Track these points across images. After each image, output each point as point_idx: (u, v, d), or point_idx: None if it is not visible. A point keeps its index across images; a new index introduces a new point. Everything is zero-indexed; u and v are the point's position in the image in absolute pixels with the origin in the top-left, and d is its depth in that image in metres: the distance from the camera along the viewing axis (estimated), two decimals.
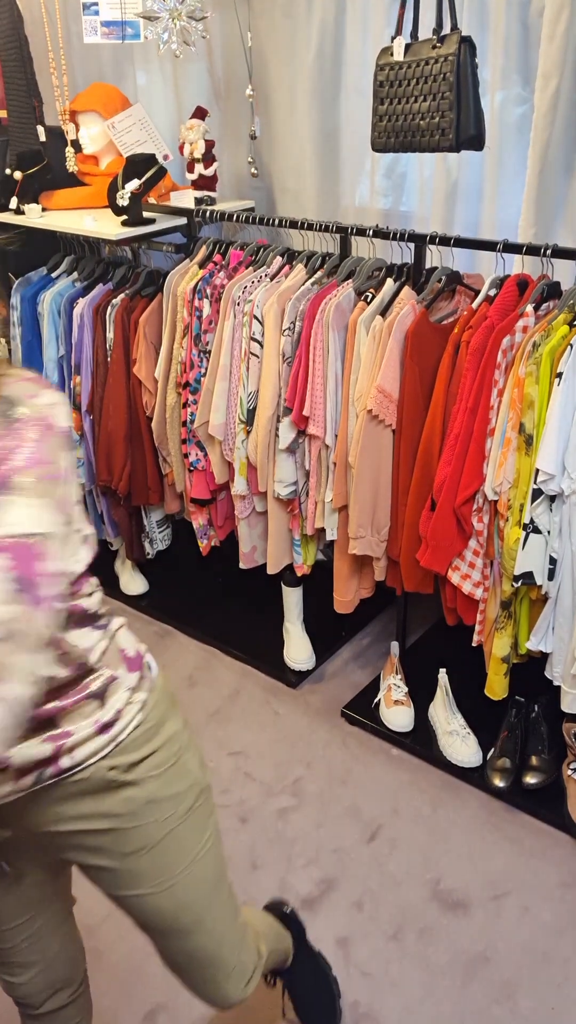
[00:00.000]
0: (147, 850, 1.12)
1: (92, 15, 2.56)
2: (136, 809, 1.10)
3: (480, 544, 2.15)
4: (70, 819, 1.08)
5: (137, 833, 1.11)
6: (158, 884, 1.14)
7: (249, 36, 2.70)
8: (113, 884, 1.15)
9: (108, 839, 1.10)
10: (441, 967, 1.89)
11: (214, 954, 1.22)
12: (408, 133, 2.08)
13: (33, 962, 1.25)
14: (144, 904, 1.15)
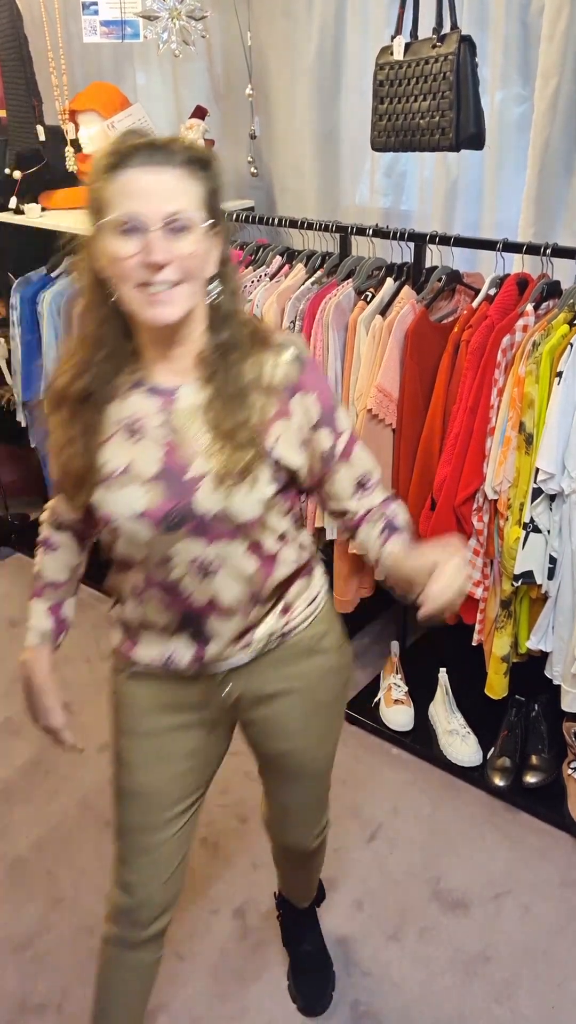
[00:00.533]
0: (321, 709, 1.40)
1: (92, 14, 2.57)
2: (323, 674, 1.37)
3: (480, 543, 2.15)
4: (279, 679, 1.33)
5: (319, 694, 1.38)
6: (320, 738, 1.43)
7: (249, 35, 2.70)
8: (285, 737, 1.39)
9: (298, 698, 1.36)
10: (441, 966, 1.89)
11: (321, 801, 1.55)
12: (408, 132, 2.08)
13: (171, 861, 1.40)
14: (302, 755, 1.42)
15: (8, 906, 2.06)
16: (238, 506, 1.17)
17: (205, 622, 1.26)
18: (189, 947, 1.95)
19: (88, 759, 2.47)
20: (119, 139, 1.10)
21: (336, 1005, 1.82)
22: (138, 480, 1.18)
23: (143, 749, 1.37)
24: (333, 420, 1.24)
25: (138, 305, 1.11)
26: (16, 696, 2.71)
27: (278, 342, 1.21)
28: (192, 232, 1.09)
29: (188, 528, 1.18)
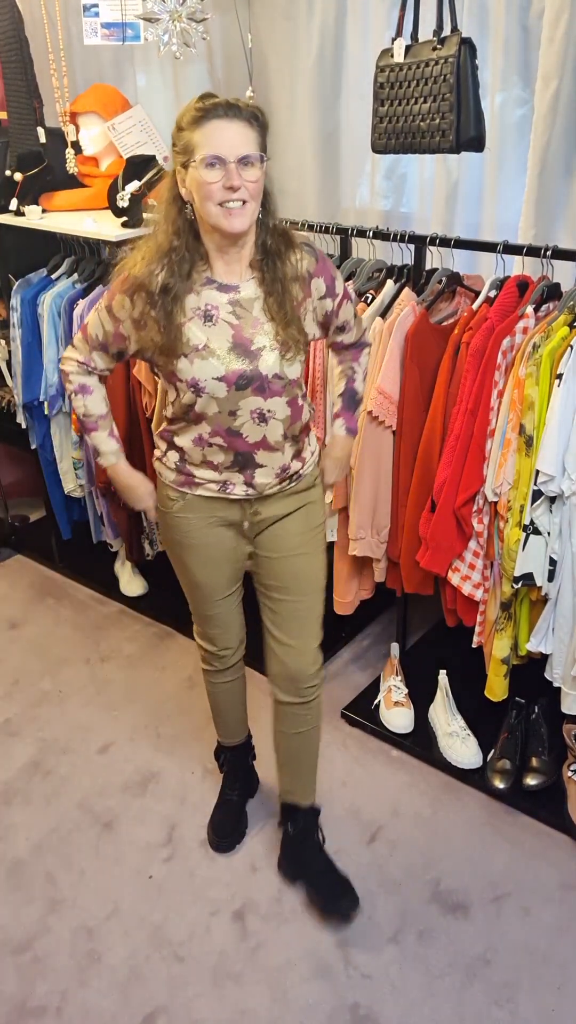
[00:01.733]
0: (313, 529, 1.86)
1: (92, 17, 2.57)
2: (314, 503, 1.86)
3: (480, 545, 2.15)
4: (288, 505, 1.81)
5: (312, 518, 1.86)
6: (313, 551, 1.87)
7: (249, 38, 2.71)
8: (288, 547, 1.83)
9: (300, 517, 1.83)
10: (441, 969, 1.89)
11: (318, 617, 1.91)
12: (408, 134, 2.09)
13: (231, 624, 2.00)
14: (299, 560, 1.85)
15: (7, 908, 2.06)
16: (289, 369, 1.64)
17: (255, 457, 1.71)
18: (188, 949, 1.95)
19: (88, 761, 2.48)
20: (201, 98, 1.52)
21: (336, 1007, 1.82)
22: (215, 354, 1.61)
23: (197, 556, 1.87)
24: (333, 291, 1.71)
25: (218, 219, 1.53)
26: (16, 697, 2.71)
27: (299, 241, 1.65)
28: (255, 166, 1.52)
29: (253, 387, 1.63)
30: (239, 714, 2.19)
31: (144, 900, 2.06)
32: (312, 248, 1.66)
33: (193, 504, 1.80)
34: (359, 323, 1.84)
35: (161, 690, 2.73)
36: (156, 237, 1.61)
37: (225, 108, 1.49)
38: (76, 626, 3.06)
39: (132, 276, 1.61)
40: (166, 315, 1.59)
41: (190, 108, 1.52)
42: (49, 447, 3.02)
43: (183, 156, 1.54)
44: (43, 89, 2.81)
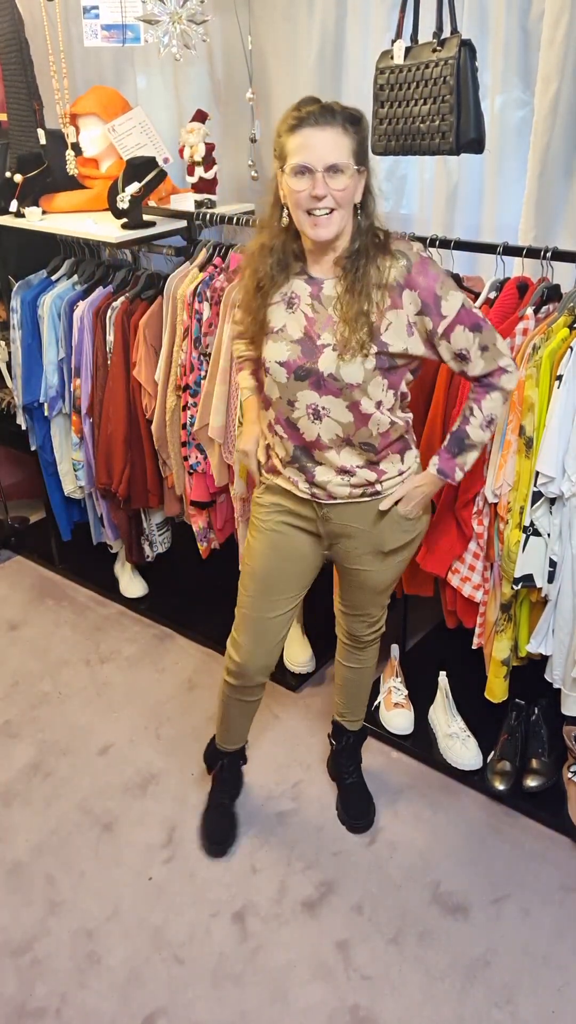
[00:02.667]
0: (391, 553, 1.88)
1: (92, 19, 2.57)
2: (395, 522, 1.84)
3: (480, 547, 2.15)
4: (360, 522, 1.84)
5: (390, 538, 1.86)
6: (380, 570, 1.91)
7: (249, 39, 2.71)
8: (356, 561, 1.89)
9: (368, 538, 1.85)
10: (441, 970, 1.89)
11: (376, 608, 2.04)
12: (408, 136, 2.09)
13: (266, 639, 1.96)
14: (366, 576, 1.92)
15: (7, 910, 2.06)
16: (345, 371, 1.64)
17: (312, 454, 1.76)
18: (188, 951, 1.95)
19: (88, 762, 2.47)
20: (298, 104, 1.56)
21: (335, 1009, 1.82)
22: (287, 339, 1.69)
23: (264, 541, 1.90)
24: (434, 309, 1.63)
25: (304, 226, 1.60)
26: (15, 699, 2.71)
27: (395, 249, 1.63)
28: (345, 174, 1.55)
29: (310, 381, 1.67)
30: (245, 726, 2.21)
31: (144, 902, 2.06)
32: (409, 259, 1.62)
33: (274, 489, 1.88)
34: (491, 359, 1.69)
35: (161, 692, 2.73)
36: (261, 236, 1.71)
37: (318, 115, 1.53)
38: (76, 628, 3.06)
39: (241, 268, 1.77)
40: (259, 304, 1.71)
41: (288, 114, 1.56)
42: (49, 448, 3.02)
43: (279, 161, 1.59)
44: (43, 91, 2.81)
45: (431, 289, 1.62)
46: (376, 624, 2.09)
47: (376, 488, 1.79)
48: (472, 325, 1.66)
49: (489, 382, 1.72)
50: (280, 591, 1.92)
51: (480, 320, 1.67)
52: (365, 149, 1.59)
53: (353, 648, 2.14)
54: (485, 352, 1.68)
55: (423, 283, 1.62)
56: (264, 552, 1.90)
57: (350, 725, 2.28)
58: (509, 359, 1.71)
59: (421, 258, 1.64)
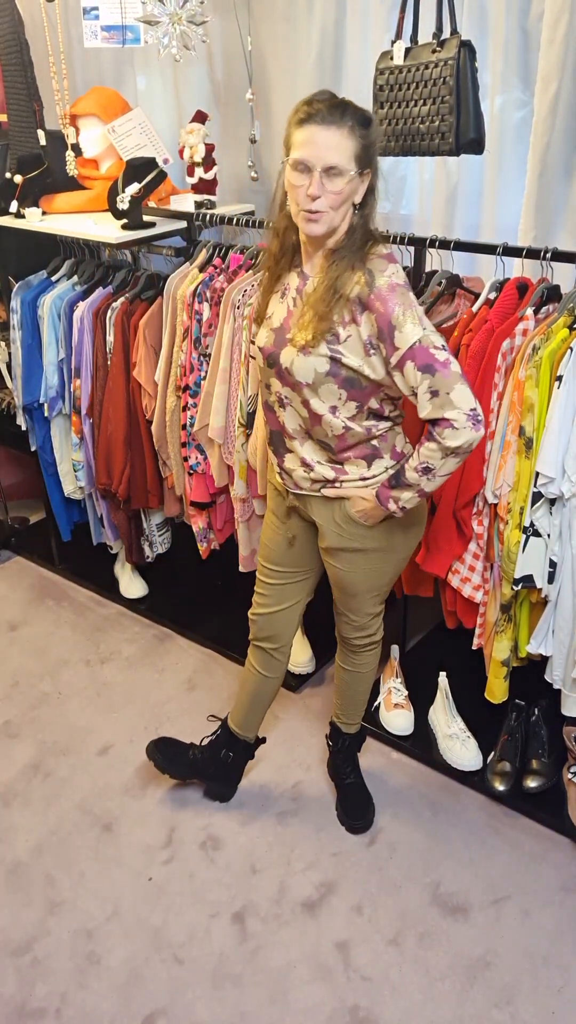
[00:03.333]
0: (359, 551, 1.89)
1: (92, 19, 2.57)
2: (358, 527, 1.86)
3: (480, 547, 2.15)
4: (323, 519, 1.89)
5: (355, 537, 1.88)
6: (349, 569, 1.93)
7: (249, 40, 2.71)
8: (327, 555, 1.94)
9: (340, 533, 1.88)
10: (441, 971, 1.89)
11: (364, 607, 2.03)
12: (408, 137, 2.09)
13: (283, 600, 2.08)
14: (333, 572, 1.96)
15: (6, 910, 2.06)
16: (296, 367, 1.69)
17: (283, 441, 1.84)
18: (188, 951, 1.95)
19: (87, 763, 2.47)
20: (311, 98, 1.56)
21: (335, 1009, 1.82)
22: (269, 325, 1.77)
23: (271, 519, 2.04)
24: (389, 338, 1.60)
25: (298, 219, 1.63)
26: (15, 699, 2.71)
27: (368, 266, 1.62)
28: (342, 177, 1.55)
29: (275, 370, 1.75)
30: (256, 710, 2.23)
31: (144, 902, 2.06)
32: (375, 281, 1.59)
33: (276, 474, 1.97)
34: (438, 406, 1.59)
35: (161, 692, 2.73)
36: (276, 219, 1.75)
37: (326, 113, 1.53)
38: (76, 628, 3.06)
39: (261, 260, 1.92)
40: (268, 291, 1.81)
41: (300, 106, 1.57)
42: (49, 449, 3.02)
43: (286, 149, 1.61)
44: (43, 91, 2.81)
45: (387, 317, 1.58)
46: (362, 630, 2.08)
47: (334, 486, 1.83)
48: (423, 366, 1.58)
49: (431, 431, 1.64)
50: (284, 565, 2.04)
51: (435, 363, 1.58)
52: (371, 153, 1.59)
53: (345, 650, 2.16)
54: (434, 398, 1.60)
55: (380, 309, 1.59)
56: (268, 526, 2.06)
57: (346, 728, 2.29)
58: (462, 414, 1.59)
59: (390, 284, 1.59)
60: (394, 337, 1.59)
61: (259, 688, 2.19)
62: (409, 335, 1.58)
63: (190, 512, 2.73)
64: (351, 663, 2.17)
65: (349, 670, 2.19)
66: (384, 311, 1.59)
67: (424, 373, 1.59)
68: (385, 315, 1.59)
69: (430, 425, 1.64)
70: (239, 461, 2.46)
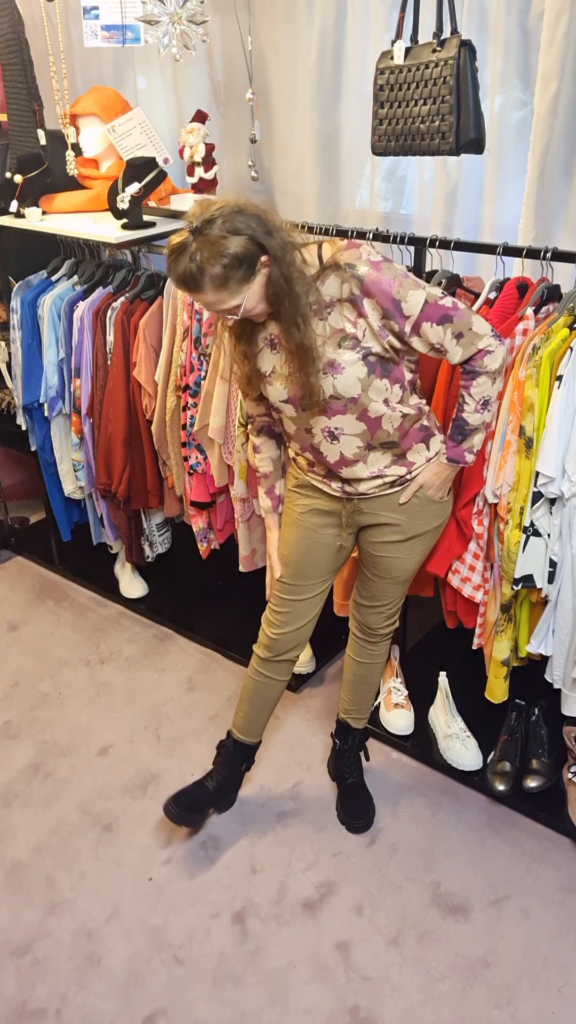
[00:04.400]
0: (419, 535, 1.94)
1: (92, 19, 2.57)
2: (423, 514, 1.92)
3: (480, 547, 2.15)
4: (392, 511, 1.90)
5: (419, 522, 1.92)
6: (409, 556, 1.96)
7: (249, 40, 2.71)
8: (385, 548, 1.95)
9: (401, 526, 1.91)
10: (441, 971, 1.89)
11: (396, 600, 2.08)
12: (408, 136, 2.09)
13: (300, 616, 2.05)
14: (393, 562, 1.96)
15: (7, 911, 2.06)
16: (341, 387, 1.68)
17: (341, 472, 1.83)
18: (188, 951, 1.95)
19: (87, 763, 2.47)
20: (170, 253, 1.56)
21: (335, 1009, 1.82)
22: (280, 378, 1.74)
23: (296, 532, 1.99)
24: (396, 314, 1.64)
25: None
26: (15, 699, 2.71)
27: (344, 263, 1.63)
28: (240, 305, 1.61)
29: (315, 408, 1.72)
30: (262, 714, 2.21)
31: (144, 902, 2.06)
32: (359, 270, 1.62)
33: (305, 483, 1.95)
34: (468, 344, 1.70)
35: (161, 692, 2.73)
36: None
37: (188, 281, 1.55)
38: (76, 628, 3.06)
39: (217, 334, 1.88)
40: (245, 351, 1.78)
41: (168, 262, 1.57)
42: (49, 449, 3.02)
43: None
44: (43, 91, 2.81)
45: (388, 295, 1.63)
46: (393, 616, 2.12)
47: (407, 479, 1.86)
48: (440, 318, 1.66)
49: (472, 368, 1.73)
50: (310, 577, 2.01)
51: (448, 310, 1.66)
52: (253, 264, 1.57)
53: (365, 642, 2.16)
54: (461, 339, 1.69)
55: (378, 291, 1.63)
56: (296, 542, 1.99)
57: (355, 723, 2.28)
58: (490, 338, 1.71)
59: (372, 264, 1.63)
60: (402, 309, 1.64)
61: (271, 694, 2.17)
62: (415, 301, 1.63)
63: (190, 512, 2.73)
64: (368, 655, 2.18)
65: (365, 663, 2.19)
66: (382, 292, 1.62)
67: (443, 324, 1.66)
68: (386, 294, 1.62)
69: (466, 365, 1.73)
70: (239, 461, 2.46)
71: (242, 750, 2.24)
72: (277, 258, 1.59)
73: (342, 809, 2.27)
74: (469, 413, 1.78)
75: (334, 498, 1.91)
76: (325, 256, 1.66)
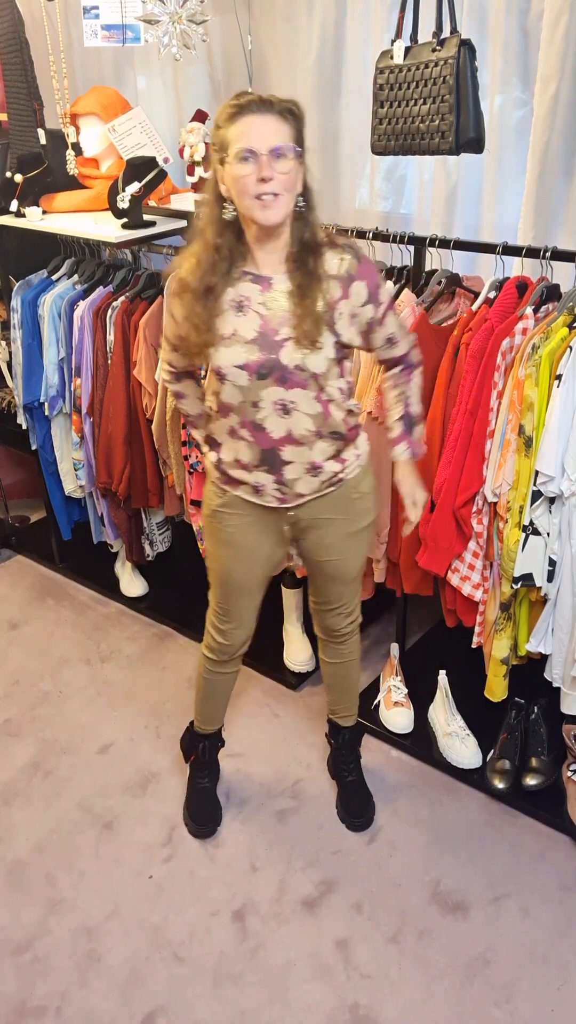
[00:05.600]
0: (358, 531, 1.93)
1: (93, 19, 2.57)
2: (358, 510, 1.91)
3: (480, 546, 2.15)
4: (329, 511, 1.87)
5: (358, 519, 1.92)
6: (352, 554, 1.96)
7: (249, 39, 2.71)
8: (328, 552, 1.93)
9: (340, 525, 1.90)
10: (441, 969, 1.89)
11: (351, 598, 2.08)
12: (408, 136, 2.09)
13: (246, 621, 2.06)
14: (338, 564, 1.96)
15: (7, 909, 2.06)
16: (310, 361, 1.67)
17: (280, 454, 1.76)
18: (188, 950, 1.95)
19: (88, 761, 2.48)
20: (236, 96, 1.58)
21: (335, 1007, 1.82)
22: (240, 341, 1.67)
23: (232, 553, 1.94)
24: (376, 299, 1.71)
25: (253, 211, 1.58)
26: (16, 698, 2.72)
27: (342, 243, 1.69)
28: (288, 158, 1.56)
29: (274, 377, 1.68)
30: (224, 704, 2.25)
31: (144, 901, 2.07)
32: (356, 252, 1.68)
33: (234, 502, 1.88)
34: (407, 337, 1.83)
35: (161, 690, 2.73)
36: (204, 236, 1.68)
37: (258, 104, 1.56)
38: (76, 627, 3.06)
39: (179, 278, 1.71)
40: (207, 312, 1.67)
41: (226, 106, 1.58)
42: (49, 448, 3.02)
43: (220, 153, 1.59)
44: (43, 91, 2.82)
45: (375, 280, 1.72)
46: (353, 614, 2.12)
47: (340, 477, 1.84)
48: (394, 310, 1.80)
49: (410, 361, 1.86)
50: (249, 588, 2.00)
51: (394, 306, 1.83)
52: (303, 140, 1.61)
53: (333, 643, 2.16)
54: (403, 331, 1.82)
55: (368, 275, 1.70)
56: (232, 564, 1.96)
57: (344, 721, 2.29)
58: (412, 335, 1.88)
59: (364, 254, 1.73)
60: (379, 295, 1.72)
61: (228, 686, 2.20)
62: (386, 291, 1.76)
63: (190, 511, 2.74)
64: (340, 654, 2.17)
65: (339, 662, 2.19)
66: (372, 276, 1.70)
67: (395, 316, 1.79)
68: (373, 279, 1.71)
69: (405, 358, 1.85)
70: None
71: (215, 737, 2.29)
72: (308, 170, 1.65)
73: (342, 807, 2.27)
74: (414, 404, 1.89)
75: (268, 511, 1.86)
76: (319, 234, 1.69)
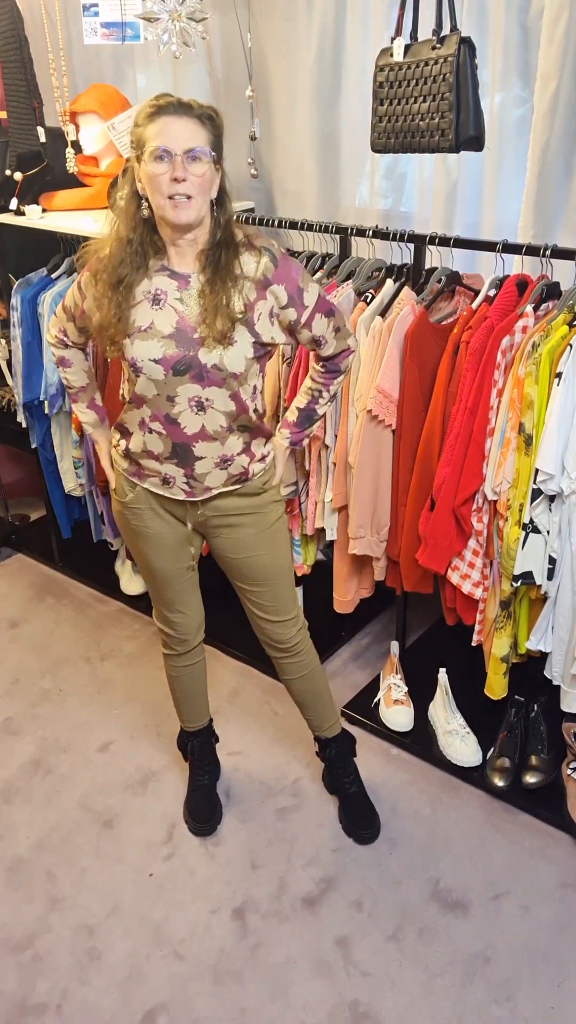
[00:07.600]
0: (271, 526, 1.94)
1: (92, 16, 2.57)
2: (267, 504, 1.91)
3: (480, 544, 2.15)
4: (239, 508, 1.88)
5: (269, 515, 1.93)
6: (270, 549, 1.95)
7: (249, 37, 2.71)
8: (245, 548, 1.93)
9: (252, 520, 1.90)
10: (441, 967, 1.89)
11: (285, 599, 2.03)
12: (408, 134, 2.09)
13: (191, 606, 2.08)
14: (258, 561, 1.95)
15: (7, 907, 2.06)
16: (227, 360, 1.67)
17: (192, 449, 1.76)
18: (188, 947, 1.95)
19: (88, 759, 2.48)
20: (156, 97, 1.59)
21: (335, 1005, 1.82)
22: (157, 336, 1.68)
23: (150, 544, 1.94)
24: (300, 303, 1.73)
25: (166, 210, 1.59)
26: (16, 696, 2.72)
27: (260, 245, 1.69)
28: (202, 160, 1.57)
29: (191, 374, 1.68)
30: (201, 697, 2.26)
31: (144, 898, 2.07)
32: (274, 256, 1.69)
33: (143, 496, 1.88)
34: (342, 339, 1.83)
35: (161, 689, 2.73)
36: (118, 230, 1.69)
37: (176, 106, 1.58)
38: (76, 625, 3.06)
39: (98, 258, 1.72)
40: (119, 301, 1.68)
41: (146, 105, 1.60)
42: (49, 446, 3.02)
43: (137, 151, 1.62)
44: (43, 89, 2.81)
45: (295, 282, 1.71)
46: (295, 624, 2.07)
47: (247, 474, 1.85)
48: (327, 311, 1.79)
49: (336, 366, 1.87)
50: (181, 573, 2.01)
51: (332, 305, 1.81)
52: (220, 147, 1.63)
53: (288, 658, 2.10)
54: (338, 333, 1.82)
55: (287, 278, 1.70)
56: (153, 554, 1.97)
57: (328, 733, 2.23)
58: (354, 339, 1.89)
59: (283, 254, 1.72)
60: (303, 298, 1.73)
61: (199, 676, 2.22)
62: (312, 293, 1.75)
63: None
64: (297, 667, 2.11)
65: (300, 676, 2.13)
66: (291, 279, 1.70)
67: (329, 318, 1.79)
68: (293, 282, 1.71)
69: (330, 363, 1.86)
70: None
71: (205, 733, 2.32)
72: (225, 175, 1.66)
73: (347, 821, 2.23)
74: (322, 405, 1.93)
75: (177, 505, 1.87)
76: (237, 235, 1.69)
